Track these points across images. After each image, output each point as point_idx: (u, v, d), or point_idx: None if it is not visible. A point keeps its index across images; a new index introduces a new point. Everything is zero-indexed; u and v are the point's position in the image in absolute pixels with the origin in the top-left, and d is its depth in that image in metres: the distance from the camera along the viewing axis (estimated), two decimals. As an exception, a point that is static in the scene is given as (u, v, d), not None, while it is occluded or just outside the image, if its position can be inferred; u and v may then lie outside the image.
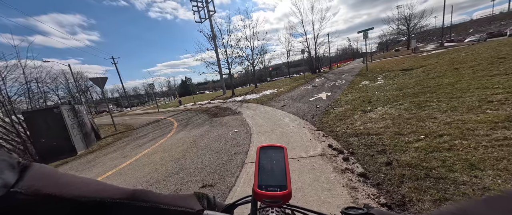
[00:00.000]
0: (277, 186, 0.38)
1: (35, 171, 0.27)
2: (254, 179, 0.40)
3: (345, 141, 3.21)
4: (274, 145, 0.45)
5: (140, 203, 0.31)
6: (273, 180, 0.39)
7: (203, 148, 4.22)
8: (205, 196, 0.42)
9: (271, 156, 0.43)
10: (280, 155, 0.43)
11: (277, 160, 0.42)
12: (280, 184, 0.38)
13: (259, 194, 0.37)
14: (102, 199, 0.29)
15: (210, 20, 18.96)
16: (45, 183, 0.26)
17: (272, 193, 0.37)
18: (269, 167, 0.41)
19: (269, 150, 0.44)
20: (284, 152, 0.44)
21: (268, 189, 0.37)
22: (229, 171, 2.93)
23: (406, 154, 2.37)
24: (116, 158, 4.86)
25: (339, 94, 7.66)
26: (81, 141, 6.35)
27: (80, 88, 28.15)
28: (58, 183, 0.27)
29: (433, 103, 3.95)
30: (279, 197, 0.36)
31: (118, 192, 0.31)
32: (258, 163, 0.42)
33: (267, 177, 0.40)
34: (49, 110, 5.80)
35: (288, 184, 0.38)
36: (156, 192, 0.35)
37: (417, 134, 2.81)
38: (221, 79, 21.15)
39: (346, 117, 4.47)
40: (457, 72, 6.22)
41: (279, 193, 0.37)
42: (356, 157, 2.63)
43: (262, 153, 0.44)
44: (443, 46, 28.75)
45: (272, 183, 0.38)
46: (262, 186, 0.38)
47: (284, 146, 0.45)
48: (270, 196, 0.37)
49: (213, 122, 7.10)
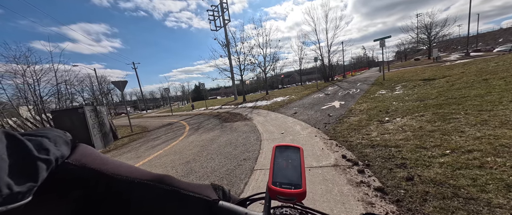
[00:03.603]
0: (291, 184, 0.37)
1: (83, 149, 0.33)
2: (269, 175, 0.40)
3: (360, 152, 3.05)
4: (291, 145, 0.45)
5: (164, 186, 0.35)
6: (288, 178, 0.39)
7: (213, 153, 4.24)
8: (220, 188, 0.44)
9: (287, 155, 0.43)
10: (296, 155, 0.43)
11: (293, 159, 0.42)
12: (295, 182, 0.38)
13: (273, 190, 0.37)
14: (133, 178, 0.33)
15: (225, 29, 19.62)
16: (90, 160, 0.32)
17: (287, 190, 0.36)
18: (284, 166, 0.41)
19: (286, 149, 0.45)
20: (301, 153, 0.43)
21: (283, 186, 0.37)
22: (237, 177, 2.89)
23: (429, 170, 2.18)
24: (131, 158, 5.04)
25: (354, 103, 7.38)
26: (100, 140, 6.71)
27: (103, 91, 30.15)
28: (99, 161, 0.33)
29: (459, 115, 3.64)
30: (293, 194, 0.36)
31: (146, 174, 0.36)
32: (273, 160, 0.42)
33: (282, 175, 0.39)
34: (74, 110, 6.24)
35: (303, 183, 0.37)
36: (178, 179, 0.40)
37: (442, 148, 2.59)
38: (233, 85, 21.49)
39: (361, 127, 4.26)
40: (487, 83, 5.72)
41: (294, 191, 0.36)
42: (373, 170, 2.47)
43: (278, 151, 0.44)
44: (468, 56, 26.94)
45: (287, 181, 0.38)
46: (276, 183, 0.38)
47: (300, 147, 0.45)
48: (284, 193, 0.36)
49: (223, 127, 7.16)
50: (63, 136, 0.32)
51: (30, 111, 7.13)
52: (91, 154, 0.33)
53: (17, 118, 6.99)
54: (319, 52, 24.54)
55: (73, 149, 0.32)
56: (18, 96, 7.50)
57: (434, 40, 36.59)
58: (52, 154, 0.27)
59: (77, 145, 0.33)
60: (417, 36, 39.53)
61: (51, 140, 0.29)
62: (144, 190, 0.34)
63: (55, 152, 0.27)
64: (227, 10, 19.89)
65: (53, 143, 0.29)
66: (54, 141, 0.29)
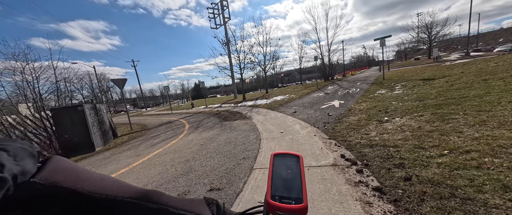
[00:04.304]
0: (292, 198, 0.35)
1: (55, 164, 0.28)
2: (267, 188, 0.37)
3: (359, 152, 3.06)
4: (290, 153, 0.43)
5: (150, 204, 0.32)
6: (288, 191, 0.36)
7: (212, 151, 4.25)
8: (214, 202, 0.42)
9: (286, 164, 0.41)
10: (295, 165, 0.41)
11: (293, 169, 0.40)
12: (295, 196, 0.35)
13: (272, 206, 0.35)
14: (114, 196, 0.30)
15: (225, 27, 19.53)
16: (63, 176, 0.27)
17: (287, 205, 0.34)
18: (283, 177, 0.39)
19: (284, 158, 0.42)
20: (300, 162, 0.41)
21: (283, 200, 0.35)
22: (237, 176, 2.90)
23: (427, 170, 2.19)
24: (130, 156, 5.05)
25: (353, 103, 7.39)
26: (99, 138, 6.71)
27: (102, 88, 30.09)
28: (75, 177, 0.28)
29: (458, 116, 3.65)
30: (294, 210, 0.34)
31: (131, 191, 0.32)
32: (272, 171, 0.40)
33: (282, 187, 0.37)
34: (73, 108, 6.24)
35: (304, 197, 0.35)
36: (167, 194, 0.36)
37: (440, 148, 2.60)
38: (233, 83, 21.46)
39: (360, 127, 4.28)
40: (486, 84, 5.74)
41: (295, 206, 0.34)
42: (371, 170, 2.48)
43: (276, 160, 0.42)
44: (468, 56, 26.92)
45: (286, 194, 0.36)
46: (275, 197, 0.36)
47: (300, 155, 0.42)
48: (284, 209, 0.34)
49: (223, 125, 7.16)
50: (28, 148, 0.27)
51: (29, 108, 7.11)
52: (65, 169, 0.28)
53: (17, 115, 6.98)
54: (319, 51, 24.51)
55: (43, 163, 0.27)
56: (17, 93, 7.49)
57: (435, 40, 36.51)
58: (8, 171, 0.22)
59: (50, 158, 0.29)
60: (418, 36, 39.44)
61: (9, 153, 0.24)
62: (128, 209, 0.30)
63: (13, 168, 0.23)
64: (227, 8, 19.78)
65: (12, 157, 0.24)
66: (13, 155, 0.24)
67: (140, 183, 3.17)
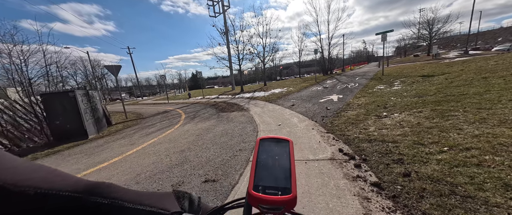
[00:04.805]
0: (278, 188, 0.30)
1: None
2: (250, 178, 0.32)
3: (357, 147, 3.02)
4: (278, 138, 0.38)
5: (96, 199, 0.26)
6: (274, 181, 0.31)
7: (208, 142, 4.18)
8: (187, 196, 0.37)
9: (273, 150, 0.36)
10: (284, 150, 0.36)
11: (281, 156, 0.35)
12: (282, 186, 0.31)
13: (255, 198, 0.29)
14: (47, 190, 0.23)
15: (224, 15, 18.90)
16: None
17: (272, 197, 0.29)
18: (270, 164, 0.34)
19: (272, 143, 0.37)
20: (290, 147, 0.36)
21: (267, 191, 0.30)
22: (233, 168, 2.84)
23: (427, 166, 2.16)
24: (124, 144, 4.95)
25: (352, 97, 7.35)
26: (93, 126, 6.55)
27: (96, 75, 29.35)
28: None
29: (458, 113, 3.62)
30: (280, 202, 0.29)
31: (72, 183, 0.26)
32: (256, 158, 0.35)
33: (267, 176, 0.32)
34: (65, 94, 6.01)
35: (293, 187, 0.30)
36: (123, 187, 0.31)
37: (439, 145, 2.57)
38: (231, 75, 21.14)
39: (358, 122, 4.23)
40: (486, 82, 5.71)
41: (281, 197, 0.29)
42: (369, 165, 2.44)
43: (262, 146, 0.37)
44: (467, 54, 26.93)
45: (272, 184, 0.31)
46: (258, 187, 0.30)
47: (289, 140, 0.38)
48: (268, 201, 0.29)
49: (220, 116, 7.07)
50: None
51: (19, 93, 6.84)
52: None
53: (5, 99, 6.72)
54: (320, 44, 24.14)
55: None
56: (6, 77, 7.16)
57: (435, 37, 36.29)
58: None
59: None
60: (419, 32, 39.10)
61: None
62: (67, 205, 0.24)
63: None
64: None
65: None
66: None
67: (133, 173, 3.09)
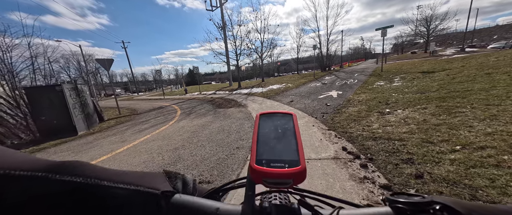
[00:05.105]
0: (284, 161, 0.25)
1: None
2: (251, 152, 0.27)
3: (361, 145, 2.85)
4: (280, 112, 0.34)
5: (66, 177, 0.21)
6: (279, 153, 0.26)
7: (204, 139, 3.96)
8: (180, 177, 0.31)
9: (275, 124, 0.31)
10: (288, 124, 0.31)
11: (284, 129, 0.30)
12: (289, 158, 0.26)
13: (259, 172, 0.24)
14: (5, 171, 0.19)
15: (221, 9, 18.40)
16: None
17: (278, 170, 0.24)
18: (273, 138, 0.29)
19: (273, 117, 0.32)
20: (294, 120, 0.31)
21: (272, 165, 0.25)
22: (229, 168, 2.64)
23: (440, 167, 1.99)
24: (115, 142, 4.70)
25: (352, 93, 7.20)
26: (82, 122, 6.25)
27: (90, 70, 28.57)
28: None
29: (465, 109, 3.47)
30: (287, 175, 0.24)
31: (38, 164, 0.21)
32: (257, 132, 0.30)
33: (271, 150, 0.27)
34: (51, 88, 5.66)
35: (301, 158, 0.25)
36: (100, 166, 0.25)
37: (450, 143, 2.41)
38: (228, 70, 20.79)
39: (361, 118, 4.07)
40: (490, 78, 5.59)
41: (289, 170, 0.24)
42: (376, 165, 2.27)
43: (263, 121, 0.32)
44: (464, 51, 27.09)
45: (277, 157, 0.26)
46: (262, 161, 0.25)
47: (293, 113, 0.33)
48: (274, 175, 0.24)
49: (217, 113, 6.84)
50: None
51: (3, 86, 6.46)
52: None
53: (-12, 94, 6.33)
54: (318, 40, 23.86)
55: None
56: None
57: (432, 34, 36.37)
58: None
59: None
60: (416, 28, 39.11)
61: None
62: (30, 185, 0.20)
63: None
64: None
65: None
66: None
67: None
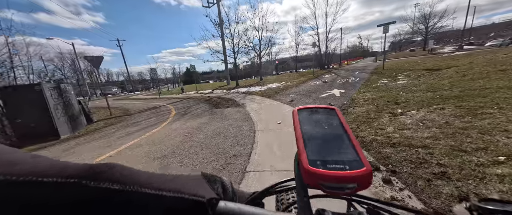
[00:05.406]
0: (343, 162, 0.21)
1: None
2: (300, 151, 0.23)
3: (378, 152, 2.45)
4: (319, 107, 0.30)
5: (98, 184, 0.18)
6: (334, 153, 0.23)
7: (197, 145, 3.53)
8: (218, 180, 0.28)
9: (318, 120, 0.28)
10: (333, 119, 0.27)
11: (330, 125, 0.26)
12: (348, 159, 0.22)
13: (315, 174, 0.21)
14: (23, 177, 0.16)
15: (218, 5, 17.83)
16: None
17: (340, 173, 0.20)
18: (320, 136, 0.25)
19: (313, 112, 0.29)
20: (338, 115, 0.28)
21: (328, 166, 0.21)
22: (224, 182, 2.21)
23: (487, 186, 1.60)
24: (99, 147, 4.23)
25: (355, 92, 6.82)
26: (66, 124, 5.75)
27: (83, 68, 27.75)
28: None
29: (492, 110, 3.10)
30: (352, 179, 0.20)
31: (71, 169, 0.18)
32: (300, 129, 0.26)
33: (322, 149, 0.23)
34: (29, 87, 5.15)
35: (363, 159, 0.22)
36: (136, 169, 0.21)
37: (490, 153, 2.02)
38: (226, 69, 20.30)
39: (371, 120, 3.67)
40: (506, 74, 5.25)
41: (352, 172, 0.20)
42: (403, 180, 1.87)
43: (302, 116, 0.28)
44: (462, 49, 26.96)
45: (334, 157, 0.22)
46: (316, 162, 0.22)
47: (335, 107, 0.30)
48: (336, 178, 0.20)
49: (213, 113, 6.40)
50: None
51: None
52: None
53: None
54: (317, 38, 23.47)
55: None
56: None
57: (431, 31, 36.22)
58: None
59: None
60: (414, 26, 38.93)
61: None
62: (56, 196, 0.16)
63: None
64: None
65: None
66: None
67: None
